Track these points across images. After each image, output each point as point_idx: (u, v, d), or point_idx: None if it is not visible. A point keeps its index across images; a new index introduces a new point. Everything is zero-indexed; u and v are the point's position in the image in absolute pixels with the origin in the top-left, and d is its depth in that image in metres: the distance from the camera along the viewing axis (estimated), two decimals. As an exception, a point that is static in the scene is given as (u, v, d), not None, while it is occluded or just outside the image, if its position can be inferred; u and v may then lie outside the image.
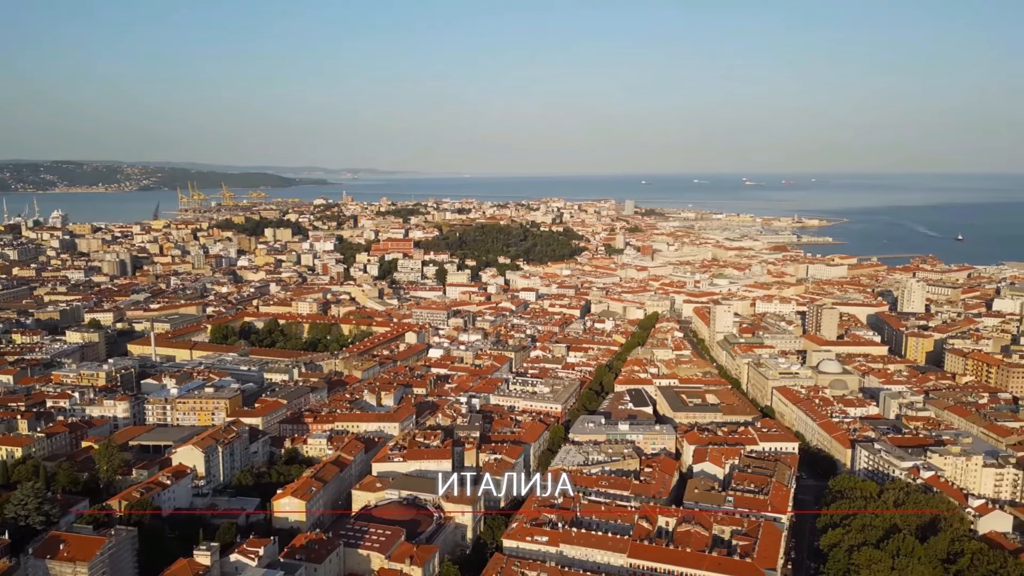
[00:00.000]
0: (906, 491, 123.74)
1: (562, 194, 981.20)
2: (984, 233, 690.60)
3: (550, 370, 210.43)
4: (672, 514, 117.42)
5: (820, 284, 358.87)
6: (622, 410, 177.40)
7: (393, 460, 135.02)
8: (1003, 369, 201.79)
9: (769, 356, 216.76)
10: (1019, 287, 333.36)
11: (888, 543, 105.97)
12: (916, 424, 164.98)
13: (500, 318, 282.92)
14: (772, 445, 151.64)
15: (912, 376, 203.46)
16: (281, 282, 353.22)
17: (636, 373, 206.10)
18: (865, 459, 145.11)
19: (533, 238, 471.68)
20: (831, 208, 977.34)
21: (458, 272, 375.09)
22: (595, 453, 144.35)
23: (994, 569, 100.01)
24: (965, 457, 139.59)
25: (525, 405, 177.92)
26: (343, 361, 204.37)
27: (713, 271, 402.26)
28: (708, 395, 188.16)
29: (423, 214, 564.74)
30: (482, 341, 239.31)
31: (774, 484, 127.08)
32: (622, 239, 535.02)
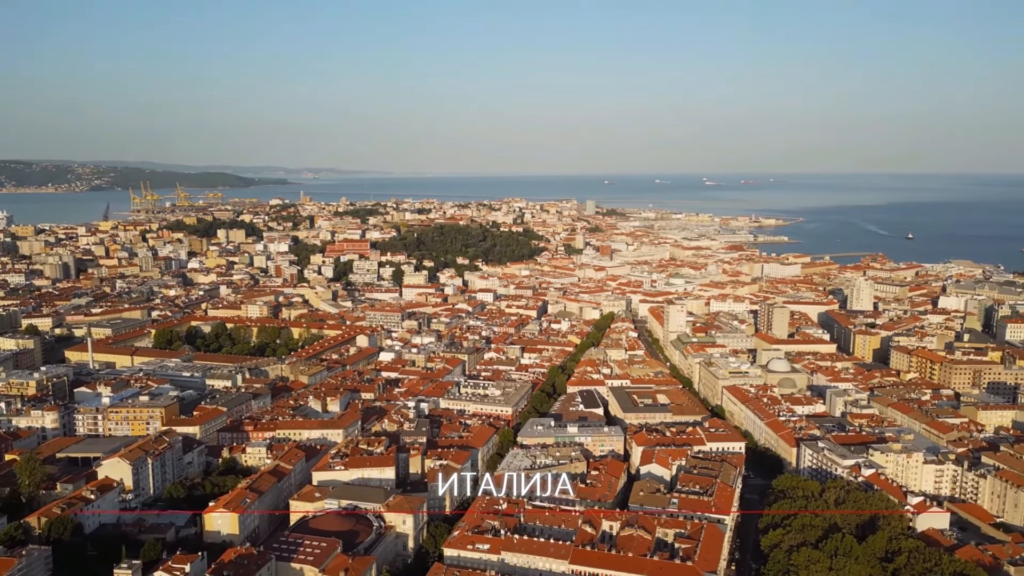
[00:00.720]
0: (846, 490, 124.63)
1: (526, 194, 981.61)
2: (933, 232, 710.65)
3: (503, 372, 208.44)
4: (616, 517, 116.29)
5: (773, 283, 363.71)
6: (573, 412, 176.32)
7: (334, 468, 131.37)
8: (946, 366, 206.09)
9: (720, 355, 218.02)
10: (964, 284, 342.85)
11: (827, 543, 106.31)
12: (860, 421, 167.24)
13: (456, 320, 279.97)
14: (719, 445, 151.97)
15: (859, 374, 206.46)
16: (232, 284, 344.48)
17: (589, 374, 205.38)
18: (809, 457, 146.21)
19: (493, 238, 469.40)
20: (788, 208, 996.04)
21: (415, 273, 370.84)
22: (543, 457, 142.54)
23: (929, 567, 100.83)
24: (906, 454, 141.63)
25: (475, 408, 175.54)
26: (289, 366, 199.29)
27: (670, 271, 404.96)
28: (659, 395, 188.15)
29: (382, 214, 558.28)
30: (435, 344, 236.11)
31: (719, 485, 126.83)
32: (582, 239, 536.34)
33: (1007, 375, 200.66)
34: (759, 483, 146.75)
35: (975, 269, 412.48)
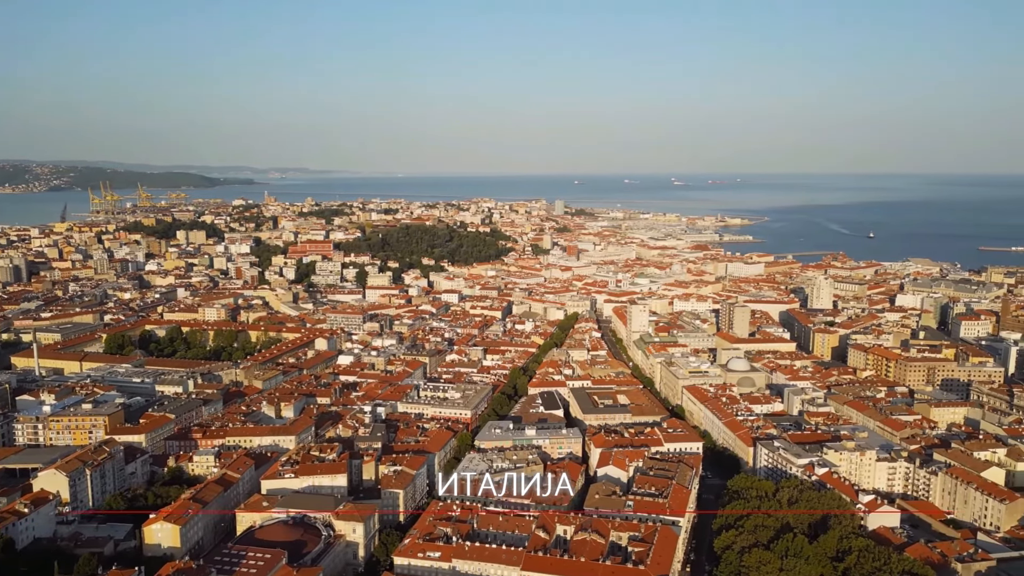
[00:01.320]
0: (799, 489, 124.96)
1: (497, 194, 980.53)
2: (894, 231, 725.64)
3: (465, 374, 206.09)
4: (570, 521, 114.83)
5: (737, 282, 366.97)
6: (533, 413, 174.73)
7: (284, 476, 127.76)
8: (901, 363, 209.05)
9: (681, 355, 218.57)
10: (921, 283, 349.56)
11: (778, 543, 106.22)
12: (817, 420, 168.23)
13: (419, 321, 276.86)
14: (677, 446, 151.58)
15: (817, 372, 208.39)
16: (191, 287, 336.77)
17: (550, 375, 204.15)
18: (765, 457, 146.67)
19: (459, 239, 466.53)
20: (753, 207, 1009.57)
21: (379, 274, 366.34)
22: (499, 460, 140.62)
23: (878, 566, 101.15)
24: (859, 452, 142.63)
25: (434, 412, 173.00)
26: (244, 371, 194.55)
27: (635, 270, 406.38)
28: (619, 396, 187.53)
29: (348, 215, 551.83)
30: (396, 346, 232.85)
31: (674, 486, 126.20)
32: (549, 239, 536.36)
33: (960, 372, 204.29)
34: (717, 483, 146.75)
35: (933, 267, 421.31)
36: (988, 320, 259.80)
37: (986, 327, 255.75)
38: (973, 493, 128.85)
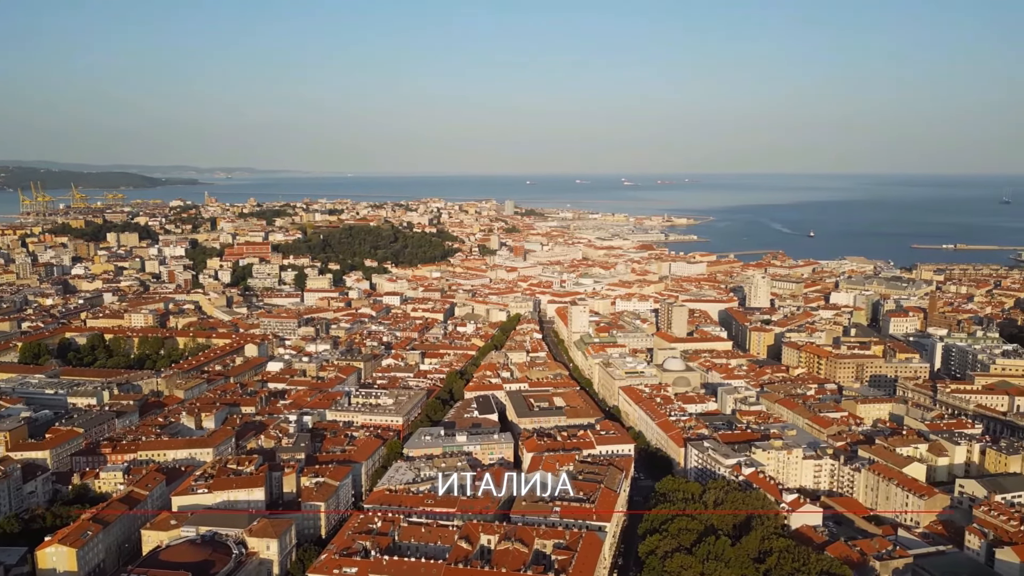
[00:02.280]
0: (726, 490, 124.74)
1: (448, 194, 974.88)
2: (834, 229, 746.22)
3: (400, 379, 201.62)
4: (495, 531, 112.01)
5: (679, 281, 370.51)
6: (467, 418, 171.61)
7: (196, 492, 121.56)
8: (831, 360, 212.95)
9: (619, 355, 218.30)
10: (855, 280, 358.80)
11: (700, 547, 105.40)
12: (749, 418, 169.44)
13: (357, 325, 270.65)
14: (609, 448, 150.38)
15: (751, 370, 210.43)
16: (119, 291, 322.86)
17: (488, 378, 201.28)
18: (695, 458, 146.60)
19: (404, 239, 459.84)
20: (699, 207, 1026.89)
21: (319, 277, 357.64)
22: (427, 468, 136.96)
23: (797, 567, 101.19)
24: (786, 451, 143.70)
25: (365, 420, 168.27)
26: (165, 380, 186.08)
27: (581, 271, 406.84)
28: (556, 398, 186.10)
29: (290, 216, 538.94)
30: (330, 351, 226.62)
31: (602, 490, 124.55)
32: (497, 240, 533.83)
33: (887, 368, 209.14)
34: (649, 485, 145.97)
35: (867, 265, 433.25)
36: (916, 317, 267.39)
37: (914, 324, 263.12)
38: (894, 489, 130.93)
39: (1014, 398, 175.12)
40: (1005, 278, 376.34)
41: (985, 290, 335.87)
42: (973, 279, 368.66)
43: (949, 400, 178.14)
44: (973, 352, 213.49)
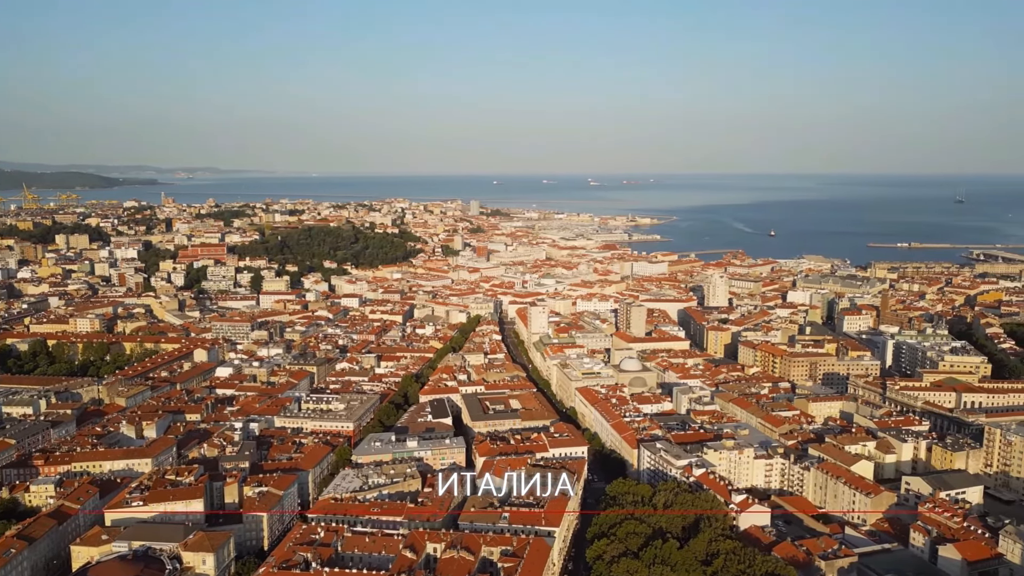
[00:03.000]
0: (675, 492, 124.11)
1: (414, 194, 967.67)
2: (794, 229, 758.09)
3: (354, 383, 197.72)
4: (441, 539, 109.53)
5: (640, 281, 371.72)
6: (421, 423, 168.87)
7: (131, 505, 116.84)
8: (785, 359, 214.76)
9: (577, 356, 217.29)
10: (811, 279, 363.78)
11: (647, 550, 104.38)
12: (703, 418, 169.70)
13: (313, 328, 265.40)
14: (562, 451, 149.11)
15: (707, 369, 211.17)
16: (67, 295, 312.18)
17: (444, 381, 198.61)
18: (648, 459, 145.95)
19: (365, 240, 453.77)
20: (663, 207, 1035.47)
21: (276, 279, 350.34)
22: (375, 476, 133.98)
23: (743, 569, 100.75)
24: (738, 450, 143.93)
25: (314, 426, 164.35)
26: (107, 387, 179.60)
27: (543, 271, 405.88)
28: (512, 400, 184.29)
29: (249, 216, 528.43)
30: (283, 355, 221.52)
31: (552, 495, 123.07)
32: (461, 240, 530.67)
33: (840, 366, 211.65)
34: (603, 487, 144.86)
35: (825, 264, 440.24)
36: (869, 315, 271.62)
37: (867, 321, 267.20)
38: (842, 487, 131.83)
39: (961, 394, 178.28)
40: (956, 276, 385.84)
41: (937, 288, 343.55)
42: (925, 277, 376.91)
43: (898, 397, 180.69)
44: (923, 349, 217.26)
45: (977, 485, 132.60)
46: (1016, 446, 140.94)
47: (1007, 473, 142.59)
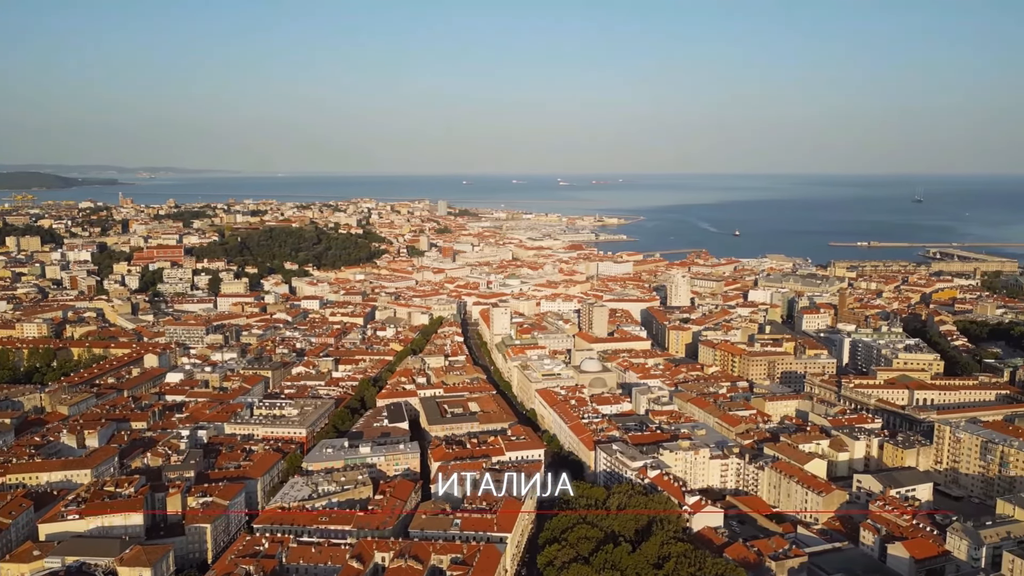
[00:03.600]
0: (629, 494, 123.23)
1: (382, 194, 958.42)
2: (758, 228, 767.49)
3: (310, 388, 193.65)
4: (389, 548, 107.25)
5: (604, 281, 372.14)
6: (376, 428, 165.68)
7: (67, 518, 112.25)
8: (744, 358, 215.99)
9: (537, 357, 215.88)
10: (772, 278, 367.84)
11: (597, 555, 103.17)
12: (661, 418, 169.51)
13: (271, 331, 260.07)
14: (519, 454, 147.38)
15: (667, 369, 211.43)
16: (15, 299, 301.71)
17: (402, 384, 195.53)
18: (604, 461, 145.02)
19: (328, 241, 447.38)
20: (631, 207, 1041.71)
21: (235, 281, 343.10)
22: (326, 483, 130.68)
23: (693, 571, 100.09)
24: (693, 451, 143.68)
25: (266, 432, 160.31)
26: (49, 395, 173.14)
27: (509, 271, 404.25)
28: (471, 403, 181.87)
29: (209, 217, 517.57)
30: (237, 359, 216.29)
31: (505, 499, 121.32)
32: (427, 241, 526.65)
33: (797, 365, 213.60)
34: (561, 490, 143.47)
35: (786, 263, 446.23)
36: (828, 313, 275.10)
37: (826, 320, 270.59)
38: (795, 487, 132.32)
39: (913, 392, 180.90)
40: (913, 274, 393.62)
41: (893, 286, 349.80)
42: (883, 275, 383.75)
43: (852, 395, 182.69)
44: (878, 347, 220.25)
45: (927, 482, 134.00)
46: (964, 443, 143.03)
47: (956, 470, 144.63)
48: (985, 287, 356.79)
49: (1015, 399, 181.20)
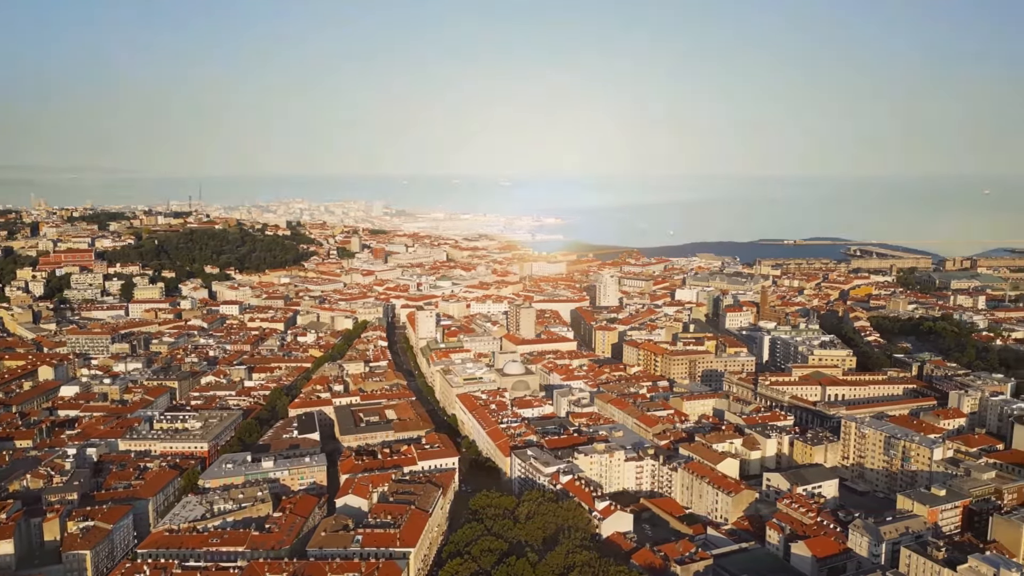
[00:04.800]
0: (539, 502, 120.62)
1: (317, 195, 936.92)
2: (692, 228, 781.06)
3: (219, 399, 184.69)
4: (282, 570, 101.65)
5: (536, 281, 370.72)
6: (286, 439, 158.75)
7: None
8: (666, 357, 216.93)
9: (461, 361, 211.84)
10: (699, 277, 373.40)
11: (499, 568, 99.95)
12: (580, 421, 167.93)
13: (184, 339, 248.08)
14: (432, 463, 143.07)
15: (591, 370, 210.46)
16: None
17: (317, 393, 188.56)
18: (519, 467, 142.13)
19: (253, 243, 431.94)
20: (570, 206, 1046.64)
21: (150, 286, 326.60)
22: (221, 501, 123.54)
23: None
24: (608, 454, 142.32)
25: (164, 448, 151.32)
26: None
27: (441, 273, 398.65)
28: (388, 411, 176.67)
29: (128, 219, 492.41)
30: (142, 370, 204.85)
31: (412, 512, 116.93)
32: (359, 242, 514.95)
33: (718, 363, 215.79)
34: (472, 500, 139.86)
35: (716, 262, 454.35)
36: (750, 311, 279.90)
37: (748, 318, 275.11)
38: (706, 487, 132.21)
39: (825, 388, 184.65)
40: (833, 271, 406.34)
41: (815, 283, 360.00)
42: (806, 273, 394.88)
43: (768, 393, 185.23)
44: (795, 344, 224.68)
45: (833, 479, 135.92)
46: (869, 438, 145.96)
47: (862, 465, 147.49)
48: (900, 284, 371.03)
49: (921, 393, 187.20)
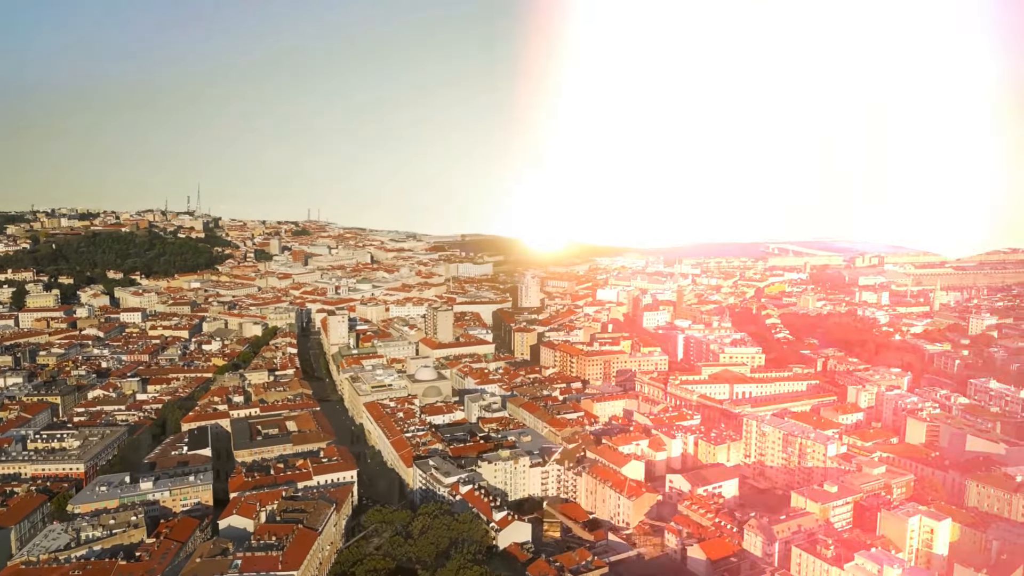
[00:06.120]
0: (435, 515, 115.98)
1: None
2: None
3: (106, 414, 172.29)
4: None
5: (461, 283, 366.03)
6: (174, 456, 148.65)
7: None
8: (582, 358, 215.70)
9: (372, 368, 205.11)
10: (622, 276, 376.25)
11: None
12: (490, 426, 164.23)
13: (75, 349, 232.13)
14: (329, 477, 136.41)
15: (507, 373, 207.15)
16: None
17: (214, 405, 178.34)
18: (420, 478, 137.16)
19: (163, 246, 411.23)
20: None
21: (45, 293, 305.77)
22: (91, 528, 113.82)
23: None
24: (513, 460, 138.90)
25: (36, 470, 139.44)
26: None
27: (363, 275, 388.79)
28: (289, 422, 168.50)
29: (28, 222, 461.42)
30: (22, 385, 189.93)
31: (299, 532, 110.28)
32: (278, 244, 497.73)
33: (632, 363, 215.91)
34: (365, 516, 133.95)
35: (640, 260, 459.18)
36: (667, 310, 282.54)
37: (665, 316, 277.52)
38: (608, 491, 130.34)
39: (733, 386, 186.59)
40: (750, 269, 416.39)
41: (731, 281, 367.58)
42: (724, 271, 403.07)
43: (678, 392, 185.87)
44: (707, 342, 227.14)
45: (734, 478, 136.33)
46: (769, 436, 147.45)
47: (763, 462, 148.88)
48: (813, 281, 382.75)
49: (824, 388, 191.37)
